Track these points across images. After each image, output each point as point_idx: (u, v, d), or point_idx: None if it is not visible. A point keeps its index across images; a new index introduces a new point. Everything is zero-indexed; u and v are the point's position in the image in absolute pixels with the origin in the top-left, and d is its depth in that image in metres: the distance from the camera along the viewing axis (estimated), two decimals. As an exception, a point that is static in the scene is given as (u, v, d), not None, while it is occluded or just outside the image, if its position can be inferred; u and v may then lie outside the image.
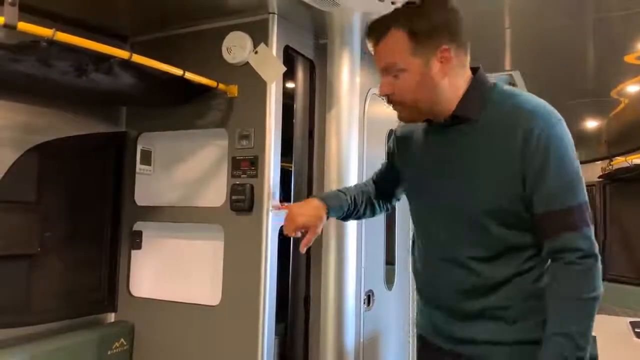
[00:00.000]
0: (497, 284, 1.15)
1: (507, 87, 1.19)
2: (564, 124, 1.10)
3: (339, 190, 1.51)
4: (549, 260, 1.12)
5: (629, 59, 2.48)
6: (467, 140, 1.16)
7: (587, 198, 1.10)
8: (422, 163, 1.28)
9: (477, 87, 1.17)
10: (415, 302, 2.94)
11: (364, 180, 2.16)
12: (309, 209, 1.38)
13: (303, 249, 1.34)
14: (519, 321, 1.15)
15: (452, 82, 1.15)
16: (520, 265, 1.14)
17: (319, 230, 1.38)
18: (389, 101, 1.19)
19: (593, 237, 1.08)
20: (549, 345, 1.06)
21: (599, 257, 1.08)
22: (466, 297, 1.18)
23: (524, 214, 1.11)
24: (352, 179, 2.15)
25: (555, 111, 1.12)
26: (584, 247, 1.06)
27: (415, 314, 1.48)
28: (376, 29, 1.15)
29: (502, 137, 1.10)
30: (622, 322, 2.28)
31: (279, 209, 1.80)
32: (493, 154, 1.11)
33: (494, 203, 1.11)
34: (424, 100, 1.15)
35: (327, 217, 1.41)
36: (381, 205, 1.57)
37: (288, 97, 2.10)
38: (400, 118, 1.23)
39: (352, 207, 1.46)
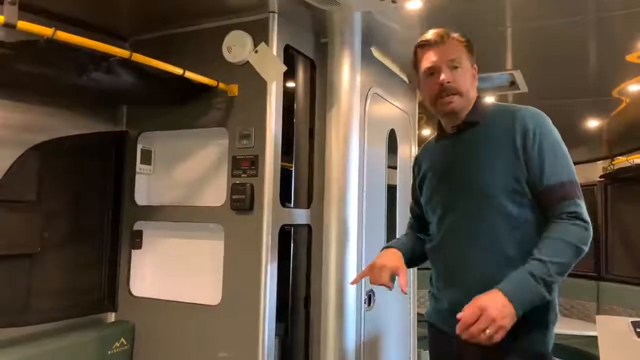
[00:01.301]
0: (514, 262, 1.31)
1: (500, 102, 1.53)
2: (550, 120, 1.40)
3: (398, 239, 1.72)
4: (547, 224, 1.32)
5: (631, 58, 2.47)
6: (476, 140, 1.44)
7: (576, 177, 1.35)
8: (441, 165, 1.52)
9: (480, 103, 1.49)
10: (415, 302, 2.94)
11: (365, 179, 2.22)
12: (388, 257, 1.52)
13: (407, 289, 1.43)
14: None
15: (474, 91, 1.49)
16: (528, 244, 1.31)
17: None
18: (445, 91, 1.41)
19: (584, 208, 1.32)
20: (524, 266, 1.24)
21: (590, 225, 1.31)
22: (486, 273, 1.34)
23: (528, 194, 1.35)
24: (353, 179, 2.15)
25: (542, 112, 1.41)
26: (576, 210, 1.30)
27: (427, 305, 1.62)
28: (442, 34, 1.44)
29: (505, 134, 1.38)
30: (623, 322, 2.28)
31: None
32: (498, 148, 1.38)
33: (504, 184, 1.35)
34: (470, 92, 1.45)
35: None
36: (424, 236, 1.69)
37: (288, 97, 2.10)
38: (451, 107, 1.44)
39: (414, 249, 1.62)
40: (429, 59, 1.44)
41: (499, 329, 1.16)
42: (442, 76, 1.40)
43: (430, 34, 1.46)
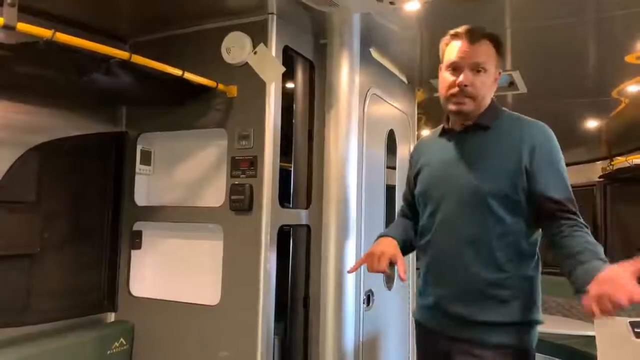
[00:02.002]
0: (502, 264, 1.37)
1: (512, 112, 1.55)
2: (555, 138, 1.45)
3: (392, 227, 1.69)
4: (565, 229, 1.34)
5: (630, 59, 2.47)
6: (483, 143, 1.45)
7: None
8: (441, 160, 1.52)
9: (493, 107, 1.50)
10: (414, 302, 2.95)
11: (362, 191, 2.26)
12: (387, 244, 1.49)
13: (406, 277, 1.43)
14: (511, 301, 1.37)
15: (490, 96, 1.48)
16: (515, 251, 1.39)
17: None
18: (460, 92, 1.41)
19: None
20: (602, 262, 1.23)
21: None
22: (475, 274, 1.38)
23: (523, 203, 1.38)
24: (352, 179, 2.15)
25: (548, 127, 1.46)
26: (585, 223, 1.35)
27: (414, 305, 1.64)
28: (476, 33, 1.42)
29: (512, 142, 1.41)
30: (622, 322, 2.28)
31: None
32: (503, 154, 1.40)
33: (501, 188, 1.38)
34: (486, 97, 1.45)
35: None
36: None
37: (288, 98, 2.10)
38: (459, 109, 1.44)
39: (407, 239, 1.62)
40: (454, 53, 1.42)
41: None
42: (462, 78, 1.40)
43: (465, 29, 1.43)
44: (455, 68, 1.42)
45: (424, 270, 1.55)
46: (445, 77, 1.45)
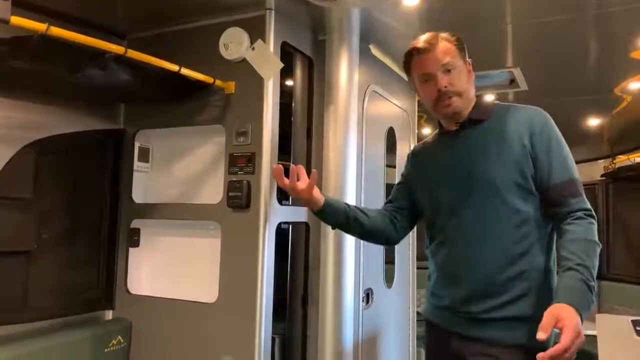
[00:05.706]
0: (518, 257, 1.37)
1: (503, 102, 1.56)
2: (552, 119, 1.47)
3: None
4: (560, 222, 1.36)
5: (637, 54, 2.45)
6: (483, 137, 1.45)
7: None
8: (443, 161, 1.52)
9: (482, 101, 1.54)
10: (414, 301, 2.93)
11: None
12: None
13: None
14: (528, 295, 1.36)
15: (473, 88, 1.50)
16: (529, 242, 1.38)
17: (302, 187, 1.60)
18: (444, 95, 1.43)
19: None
20: (572, 273, 1.24)
21: (596, 218, 1.38)
22: (490, 273, 1.37)
23: (534, 191, 1.39)
24: (351, 177, 2.14)
25: (545, 111, 1.47)
26: (586, 207, 1.36)
27: (424, 304, 1.63)
28: (429, 40, 1.45)
29: (512, 132, 1.41)
30: (623, 321, 2.26)
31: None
32: (506, 143, 1.41)
33: (511, 177, 1.38)
34: (469, 90, 1.47)
35: (322, 208, 1.64)
36: (395, 219, 1.73)
37: (286, 94, 2.09)
38: (452, 109, 1.46)
39: (353, 213, 1.67)
40: (421, 67, 1.46)
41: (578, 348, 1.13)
42: (439, 82, 1.42)
43: (419, 42, 1.46)
44: (427, 79, 1.45)
45: (436, 272, 1.54)
46: (423, 89, 1.49)
